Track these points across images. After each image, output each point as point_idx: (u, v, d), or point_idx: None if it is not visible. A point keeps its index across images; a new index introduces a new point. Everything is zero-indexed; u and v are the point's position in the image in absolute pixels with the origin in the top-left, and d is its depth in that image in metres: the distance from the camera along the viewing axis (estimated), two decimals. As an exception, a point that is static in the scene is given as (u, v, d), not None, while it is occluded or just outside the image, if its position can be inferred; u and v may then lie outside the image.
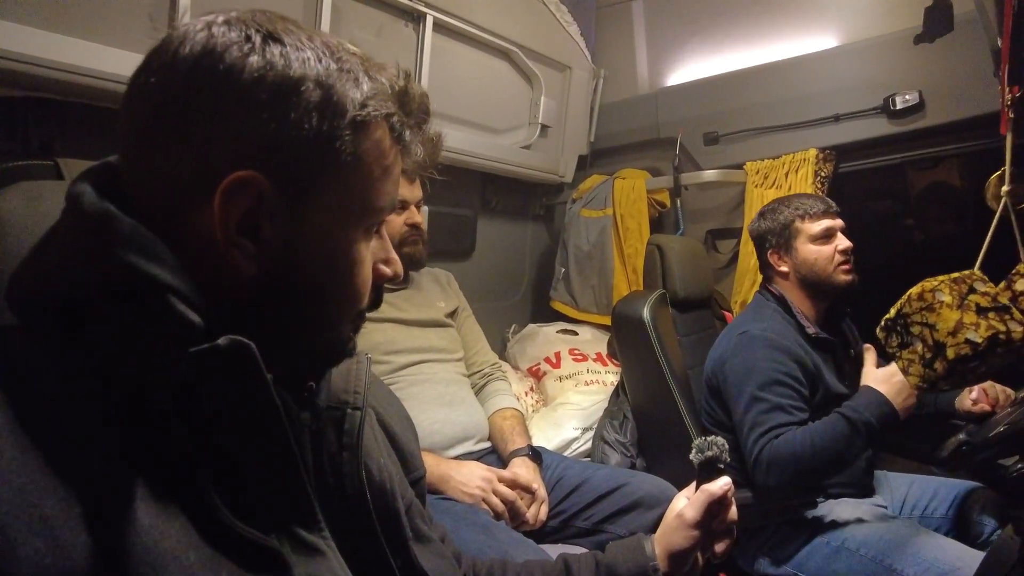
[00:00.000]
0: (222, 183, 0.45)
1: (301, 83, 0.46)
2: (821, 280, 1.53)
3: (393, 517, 0.61)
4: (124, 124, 0.48)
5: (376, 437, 0.65)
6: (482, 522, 1.26)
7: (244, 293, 0.48)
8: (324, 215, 0.49)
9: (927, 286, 1.28)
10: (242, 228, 0.47)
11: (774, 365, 1.42)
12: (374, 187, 0.51)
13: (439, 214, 2.24)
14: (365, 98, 0.49)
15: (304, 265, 0.49)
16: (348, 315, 0.54)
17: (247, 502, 0.47)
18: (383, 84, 0.51)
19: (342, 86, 0.48)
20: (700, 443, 0.79)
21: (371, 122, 0.49)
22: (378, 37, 1.79)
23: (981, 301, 1.24)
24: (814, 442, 1.31)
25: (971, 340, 1.20)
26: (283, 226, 0.48)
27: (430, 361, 1.55)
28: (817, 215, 1.54)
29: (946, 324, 1.24)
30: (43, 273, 0.47)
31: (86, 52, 1.24)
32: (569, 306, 2.58)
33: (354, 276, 0.52)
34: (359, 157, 0.49)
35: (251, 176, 0.45)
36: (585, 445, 1.97)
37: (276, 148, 0.46)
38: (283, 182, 0.47)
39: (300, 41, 0.48)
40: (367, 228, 0.52)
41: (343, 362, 0.63)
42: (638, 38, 2.58)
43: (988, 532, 1.43)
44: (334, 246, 0.50)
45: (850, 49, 2.01)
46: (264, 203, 0.46)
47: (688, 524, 0.75)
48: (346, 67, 0.49)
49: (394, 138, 0.52)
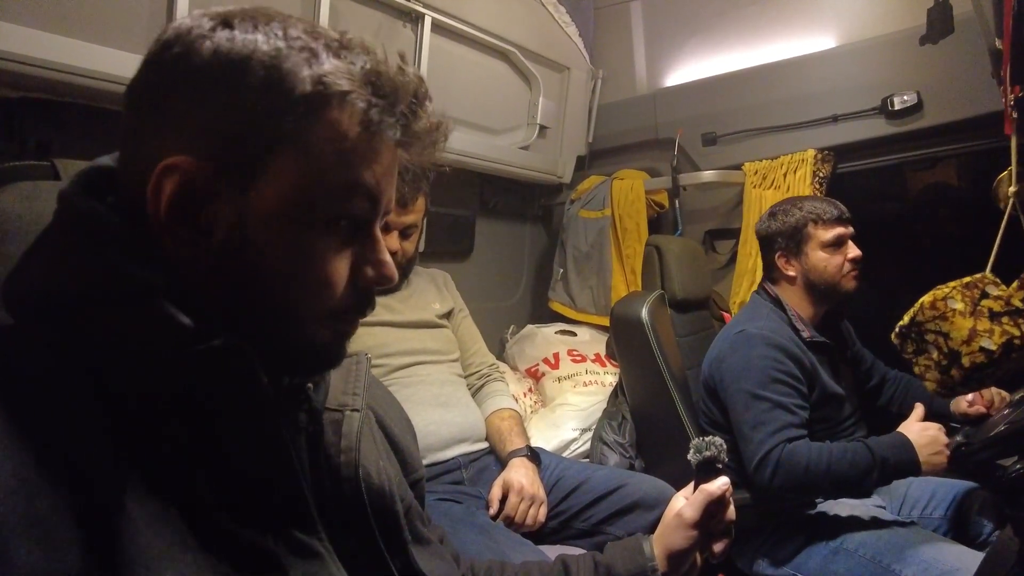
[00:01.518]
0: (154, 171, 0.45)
1: (244, 64, 0.45)
2: (829, 287, 1.52)
3: (392, 520, 0.60)
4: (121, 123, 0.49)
5: (375, 439, 0.65)
6: (480, 523, 1.26)
7: (210, 289, 0.47)
8: (272, 203, 0.46)
9: (939, 294, 1.27)
10: (174, 215, 0.46)
11: (771, 363, 1.42)
12: (330, 174, 0.47)
13: (437, 215, 2.23)
14: (318, 76, 0.46)
15: (253, 256, 0.47)
16: (313, 316, 0.50)
17: (243, 504, 0.47)
18: (350, 64, 0.47)
19: (291, 64, 0.45)
20: (698, 443, 0.79)
21: (324, 101, 0.46)
22: (376, 37, 1.79)
23: (994, 306, 1.23)
24: (830, 460, 1.30)
25: (985, 348, 1.19)
26: (228, 215, 0.46)
27: (425, 363, 1.54)
28: (830, 221, 1.52)
29: (960, 333, 1.23)
30: (36, 274, 0.47)
31: (83, 53, 1.23)
32: (567, 307, 2.58)
33: (311, 272, 0.48)
34: (309, 139, 0.46)
35: (179, 161, 0.45)
36: (584, 446, 1.97)
37: (216, 132, 0.45)
38: (225, 167, 0.46)
39: (254, 25, 0.46)
40: (328, 221, 0.48)
41: (342, 363, 0.63)
42: (636, 39, 2.59)
43: (986, 533, 1.43)
44: (285, 237, 0.47)
45: (848, 50, 2.02)
46: (197, 189, 0.45)
47: (687, 524, 0.75)
48: (300, 45, 0.46)
49: (361, 122, 0.47)
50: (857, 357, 1.73)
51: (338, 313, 0.51)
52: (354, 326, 0.55)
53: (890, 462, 1.28)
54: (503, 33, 2.12)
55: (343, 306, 0.51)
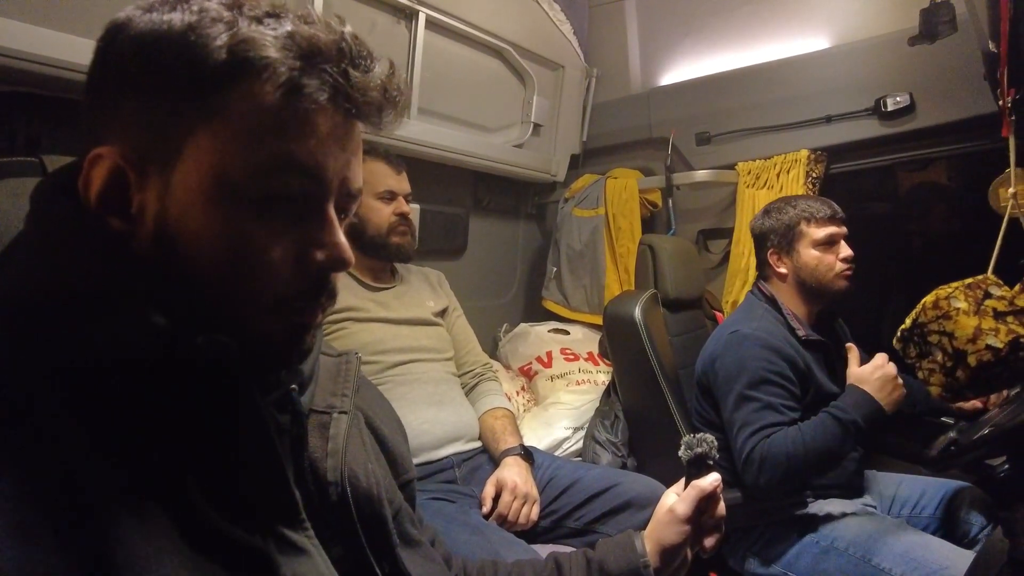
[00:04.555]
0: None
1: (158, 44, 0.43)
2: (820, 286, 1.53)
3: (380, 524, 0.59)
4: None
5: (364, 441, 0.63)
6: (473, 523, 1.26)
7: (160, 281, 0.45)
8: (194, 184, 0.44)
9: (941, 294, 1.25)
10: (105, 207, 0.45)
11: (764, 364, 1.42)
12: (253, 148, 0.44)
13: (430, 212, 2.23)
14: (230, 44, 0.43)
15: (183, 244, 0.44)
16: (258, 306, 0.46)
17: (231, 503, 0.46)
18: (271, 30, 0.44)
19: (202, 37, 0.43)
20: (689, 440, 0.79)
21: (239, 71, 0.43)
22: (370, 34, 1.78)
23: (998, 305, 1.21)
24: (805, 441, 1.32)
25: (992, 346, 1.17)
26: (154, 201, 0.45)
27: (419, 361, 1.54)
28: (823, 220, 1.53)
29: (964, 331, 1.20)
30: (11, 275, 0.46)
31: (72, 47, 1.22)
32: (561, 305, 2.59)
33: (243, 257, 0.45)
34: (227, 113, 0.43)
35: (104, 151, 0.45)
36: (576, 445, 1.97)
37: (137, 117, 0.45)
38: (148, 152, 0.45)
39: (172, 6, 0.45)
40: (259, 201, 0.45)
41: (332, 363, 0.62)
42: (631, 37, 2.59)
43: (975, 531, 1.44)
44: (212, 221, 0.44)
45: (842, 51, 2.02)
46: (123, 178, 0.45)
47: (679, 519, 0.75)
48: (213, 17, 0.43)
49: (283, 89, 0.44)
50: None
51: (286, 301, 0.47)
52: (311, 316, 0.50)
53: (858, 422, 1.32)
54: (497, 31, 2.12)
55: (290, 292, 0.47)
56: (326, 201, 0.48)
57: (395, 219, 1.55)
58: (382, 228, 1.53)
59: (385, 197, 1.54)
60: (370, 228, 1.52)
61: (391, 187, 1.55)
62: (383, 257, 1.59)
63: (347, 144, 0.49)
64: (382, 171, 1.55)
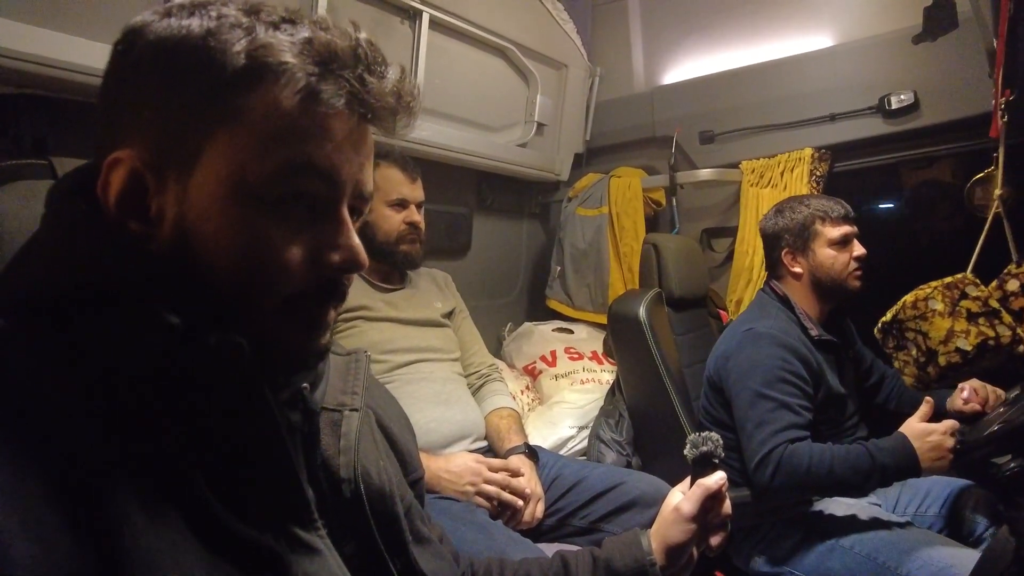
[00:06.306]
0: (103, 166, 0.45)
1: (176, 49, 0.45)
2: (835, 285, 1.52)
3: (393, 520, 0.60)
4: None
5: (375, 439, 0.64)
6: (479, 521, 1.26)
7: (176, 282, 0.46)
8: (212, 186, 0.45)
9: (920, 294, 1.31)
10: (124, 210, 0.46)
11: (779, 363, 1.41)
12: (270, 151, 0.45)
13: (434, 212, 2.23)
14: (250, 50, 0.44)
15: (200, 245, 0.45)
16: (271, 305, 0.47)
17: (243, 502, 0.46)
18: (288, 36, 0.45)
19: (222, 42, 0.44)
20: (694, 438, 0.79)
21: (258, 76, 0.44)
22: (374, 34, 1.78)
23: (972, 306, 1.28)
24: (831, 464, 1.29)
25: (961, 349, 1.26)
26: (173, 204, 0.46)
27: (427, 360, 1.54)
28: (838, 219, 1.52)
29: (938, 333, 1.28)
30: (27, 275, 0.47)
31: (79, 48, 1.22)
32: (565, 304, 2.59)
33: (258, 255, 0.46)
34: (245, 117, 0.44)
35: (123, 155, 0.45)
36: (581, 444, 1.97)
37: (156, 120, 0.45)
38: (167, 155, 0.45)
39: (190, 11, 0.46)
40: (275, 202, 0.46)
41: (342, 362, 0.62)
42: (634, 36, 2.59)
43: (980, 530, 1.43)
44: (229, 222, 0.45)
45: (846, 49, 2.02)
46: (143, 182, 0.45)
47: (684, 518, 0.75)
48: (231, 22, 0.45)
49: (302, 94, 0.45)
50: (858, 355, 1.74)
51: (297, 300, 0.48)
52: (324, 315, 0.51)
53: (891, 468, 1.27)
54: (501, 30, 2.12)
55: (302, 291, 0.48)
56: (340, 204, 0.49)
57: (405, 228, 1.55)
58: (391, 236, 1.54)
59: (397, 205, 1.55)
60: (380, 235, 1.53)
61: (404, 195, 1.55)
62: (391, 264, 1.60)
63: (361, 148, 0.50)
64: (396, 178, 1.55)
